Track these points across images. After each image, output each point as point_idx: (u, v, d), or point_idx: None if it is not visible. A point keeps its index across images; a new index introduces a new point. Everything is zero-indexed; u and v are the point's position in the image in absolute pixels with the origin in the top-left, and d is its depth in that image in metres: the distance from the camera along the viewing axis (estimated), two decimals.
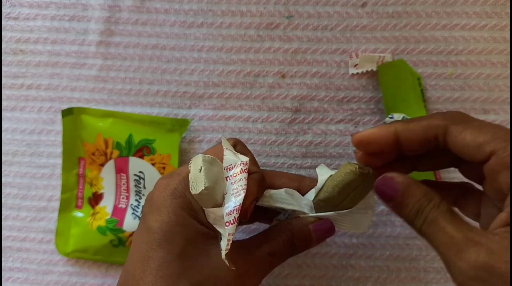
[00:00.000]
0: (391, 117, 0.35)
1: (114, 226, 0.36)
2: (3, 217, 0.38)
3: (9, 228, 0.38)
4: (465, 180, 0.27)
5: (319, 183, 0.27)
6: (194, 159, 0.24)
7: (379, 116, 0.37)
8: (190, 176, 0.24)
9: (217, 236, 0.26)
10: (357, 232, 0.28)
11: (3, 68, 0.38)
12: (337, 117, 0.37)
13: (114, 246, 0.37)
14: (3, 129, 0.38)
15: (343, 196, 0.26)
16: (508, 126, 0.36)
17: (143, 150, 0.37)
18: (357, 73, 0.36)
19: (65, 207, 0.38)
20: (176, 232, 0.24)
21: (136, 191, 0.37)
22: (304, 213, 0.28)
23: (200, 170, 0.24)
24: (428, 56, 0.36)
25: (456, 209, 0.26)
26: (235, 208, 0.23)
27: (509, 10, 0.36)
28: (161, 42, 0.37)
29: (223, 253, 0.23)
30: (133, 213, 0.37)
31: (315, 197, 0.28)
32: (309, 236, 0.27)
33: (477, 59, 0.36)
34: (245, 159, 0.25)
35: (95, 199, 0.38)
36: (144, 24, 0.37)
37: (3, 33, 0.38)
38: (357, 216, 0.28)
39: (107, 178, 0.37)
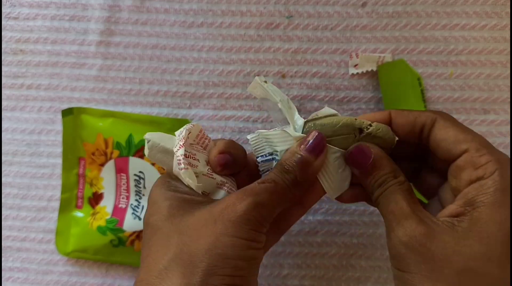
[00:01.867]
0: None
1: (114, 226, 0.36)
2: (3, 216, 0.38)
3: (9, 228, 0.38)
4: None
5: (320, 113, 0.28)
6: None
7: None
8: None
9: (202, 202, 0.26)
10: (327, 194, 0.28)
11: (3, 68, 0.38)
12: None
13: (114, 246, 0.37)
14: (3, 128, 0.38)
15: (335, 133, 0.27)
16: (508, 126, 0.36)
17: (143, 150, 0.36)
18: (357, 73, 0.36)
19: (65, 207, 0.38)
20: (158, 206, 0.25)
21: (136, 191, 0.37)
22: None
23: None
24: (428, 56, 0.36)
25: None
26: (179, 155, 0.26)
27: (509, 10, 0.36)
28: (161, 42, 0.37)
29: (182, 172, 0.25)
30: (133, 213, 0.37)
31: (309, 120, 0.28)
32: (299, 155, 0.25)
33: (477, 59, 0.36)
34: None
35: (95, 199, 0.38)
36: (144, 24, 0.37)
37: (3, 33, 0.38)
38: (335, 175, 0.28)
39: (107, 178, 0.37)
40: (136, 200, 0.37)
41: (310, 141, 0.26)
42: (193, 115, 0.37)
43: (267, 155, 0.28)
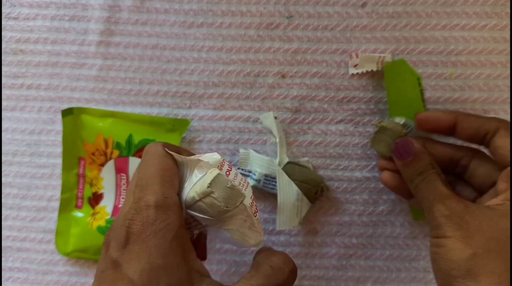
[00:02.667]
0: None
1: None
2: (3, 217, 0.38)
3: (9, 228, 0.38)
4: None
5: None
6: (215, 181, 0.24)
7: (379, 116, 0.37)
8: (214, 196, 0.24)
9: (201, 272, 0.24)
10: (278, 226, 0.34)
11: (3, 68, 0.38)
12: (337, 117, 0.37)
13: None
14: (3, 129, 0.38)
15: (304, 181, 0.36)
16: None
17: (144, 149, 0.36)
18: (357, 73, 0.36)
19: (65, 207, 0.38)
20: (158, 279, 0.22)
21: None
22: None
23: (230, 186, 0.24)
24: (428, 56, 0.36)
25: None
26: (251, 197, 0.26)
27: (509, 10, 0.36)
28: (161, 42, 0.37)
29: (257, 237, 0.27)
30: None
31: (290, 162, 0.36)
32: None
33: (477, 59, 0.36)
34: (217, 156, 0.25)
35: (95, 199, 0.38)
36: (144, 24, 0.37)
37: (3, 33, 0.38)
38: (290, 210, 0.35)
39: (107, 178, 0.37)
40: None
41: None
42: (193, 115, 0.37)
43: (247, 171, 0.36)
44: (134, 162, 0.37)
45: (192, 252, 0.24)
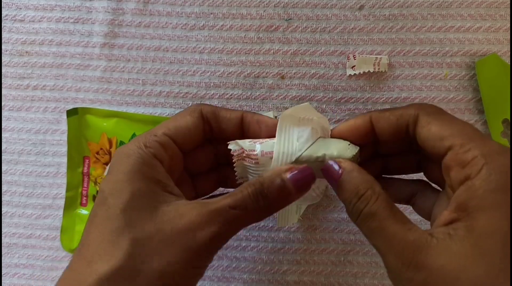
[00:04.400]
0: None
1: None
2: (9, 214, 0.39)
3: (15, 225, 0.39)
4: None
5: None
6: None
7: None
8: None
9: (173, 193, 0.24)
10: (277, 223, 0.33)
11: (9, 69, 0.39)
12: (335, 117, 0.38)
13: None
14: (9, 128, 0.39)
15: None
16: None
17: None
18: (355, 74, 0.37)
19: (70, 204, 0.38)
20: (122, 188, 0.23)
21: None
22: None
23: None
24: (423, 58, 0.37)
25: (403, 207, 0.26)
26: None
27: (503, 13, 0.37)
28: (163, 44, 0.38)
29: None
30: None
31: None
32: (283, 185, 0.23)
33: (472, 61, 0.37)
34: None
35: None
36: (147, 26, 0.38)
37: (9, 35, 0.39)
38: (289, 208, 0.29)
39: None
40: None
41: (301, 175, 0.23)
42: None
43: None
44: None
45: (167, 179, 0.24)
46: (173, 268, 0.21)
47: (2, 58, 0.39)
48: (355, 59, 0.37)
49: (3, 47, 0.39)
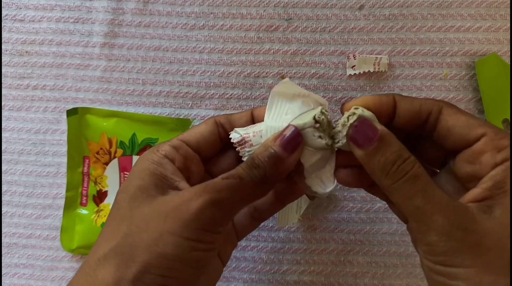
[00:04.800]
0: None
1: None
2: (9, 214, 0.39)
3: (15, 225, 0.39)
4: None
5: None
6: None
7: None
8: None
9: (180, 188, 0.24)
10: (277, 223, 0.32)
11: (9, 69, 0.39)
12: (335, 117, 0.38)
13: None
14: (9, 128, 0.39)
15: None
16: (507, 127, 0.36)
17: (147, 149, 0.38)
18: (355, 74, 0.37)
19: (70, 204, 0.38)
20: (130, 184, 0.24)
21: None
22: None
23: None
24: (423, 58, 0.37)
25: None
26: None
27: (503, 13, 0.37)
28: (163, 44, 0.38)
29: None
30: None
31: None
32: (273, 152, 0.23)
33: (472, 61, 0.37)
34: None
35: (100, 196, 0.39)
36: (147, 26, 0.38)
37: (9, 35, 0.39)
38: (287, 207, 0.30)
39: (111, 176, 0.38)
40: None
41: (286, 136, 0.24)
42: (195, 115, 0.38)
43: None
44: None
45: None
46: (163, 239, 0.22)
47: (2, 58, 0.39)
48: (355, 59, 0.37)
49: (3, 47, 0.39)
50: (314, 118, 0.24)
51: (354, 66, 0.37)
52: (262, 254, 0.38)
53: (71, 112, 0.38)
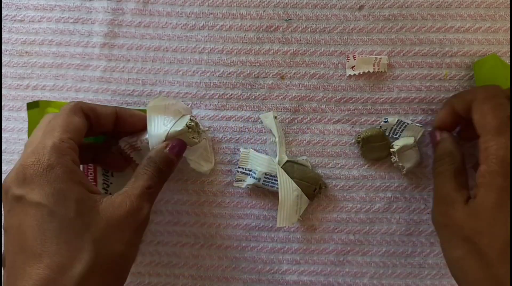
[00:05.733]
0: (386, 121, 0.37)
1: None
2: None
3: None
4: None
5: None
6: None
7: (375, 116, 0.38)
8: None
9: (97, 192, 0.28)
10: (278, 223, 0.35)
11: (9, 69, 0.39)
12: (335, 117, 0.38)
13: None
14: (9, 128, 0.39)
15: (303, 179, 0.37)
16: None
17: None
18: (354, 74, 0.37)
19: None
20: (65, 198, 0.26)
21: (103, 180, 0.37)
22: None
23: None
24: (423, 58, 0.37)
25: None
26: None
27: (502, 13, 0.37)
28: (163, 44, 0.38)
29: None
30: None
31: (289, 160, 0.37)
32: (169, 158, 0.31)
33: (471, 61, 0.37)
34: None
35: None
36: (146, 26, 0.38)
37: (9, 35, 0.39)
38: (291, 208, 0.35)
39: None
40: (104, 188, 0.37)
41: (174, 144, 0.32)
42: (195, 115, 0.38)
43: (247, 169, 0.37)
44: None
45: (87, 180, 0.29)
46: (129, 250, 0.28)
47: (2, 58, 0.39)
48: (355, 59, 0.37)
49: (3, 47, 0.39)
50: (186, 125, 0.33)
51: (354, 66, 0.37)
52: (262, 254, 0.38)
53: (32, 105, 0.37)
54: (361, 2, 0.37)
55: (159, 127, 0.33)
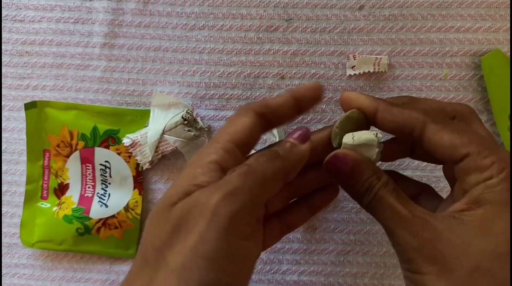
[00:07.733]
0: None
1: (81, 214, 0.37)
2: (9, 214, 0.39)
3: (15, 225, 0.39)
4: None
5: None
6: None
7: None
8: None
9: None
10: None
11: (9, 69, 0.39)
12: (335, 117, 0.38)
13: (80, 235, 0.37)
14: (9, 128, 0.39)
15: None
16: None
17: (109, 140, 0.38)
18: (354, 74, 0.37)
19: (30, 198, 0.39)
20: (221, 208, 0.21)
21: (102, 180, 0.38)
22: None
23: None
24: (423, 58, 0.37)
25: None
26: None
27: (503, 13, 0.37)
28: (163, 44, 0.38)
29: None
30: (99, 201, 0.38)
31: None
32: (290, 143, 0.24)
33: (471, 61, 0.37)
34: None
35: (61, 189, 0.38)
36: (147, 26, 0.38)
37: (9, 35, 0.39)
38: None
39: (72, 169, 0.38)
40: (102, 188, 0.38)
41: (297, 132, 0.25)
42: (195, 115, 0.38)
43: None
44: (99, 152, 0.38)
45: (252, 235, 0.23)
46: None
47: (2, 58, 0.39)
48: (355, 59, 0.37)
49: (3, 47, 0.39)
50: (182, 117, 0.35)
51: (354, 66, 0.37)
52: (262, 254, 0.38)
53: (29, 106, 0.38)
54: (361, 2, 0.37)
55: (158, 121, 0.35)
